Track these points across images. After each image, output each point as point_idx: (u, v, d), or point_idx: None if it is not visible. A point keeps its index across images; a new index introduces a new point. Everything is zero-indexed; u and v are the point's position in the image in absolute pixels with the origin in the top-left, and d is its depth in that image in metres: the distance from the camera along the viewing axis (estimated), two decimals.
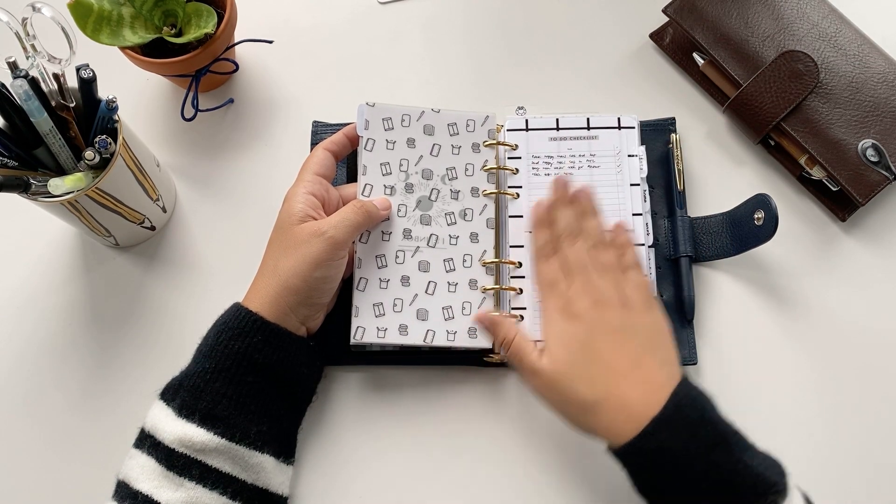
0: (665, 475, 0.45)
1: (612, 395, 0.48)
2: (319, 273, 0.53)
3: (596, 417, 0.48)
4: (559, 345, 0.51)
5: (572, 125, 0.62)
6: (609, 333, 0.50)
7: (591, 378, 0.49)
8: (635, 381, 0.48)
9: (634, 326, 0.51)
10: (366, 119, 0.59)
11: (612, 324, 0.51)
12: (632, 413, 0.47)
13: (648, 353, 0.50)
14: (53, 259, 0.64)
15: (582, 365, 0.49)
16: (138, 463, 0.49)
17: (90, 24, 0.60)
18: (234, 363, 0.50)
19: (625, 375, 0.48)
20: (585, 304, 0.51)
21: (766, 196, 0.57)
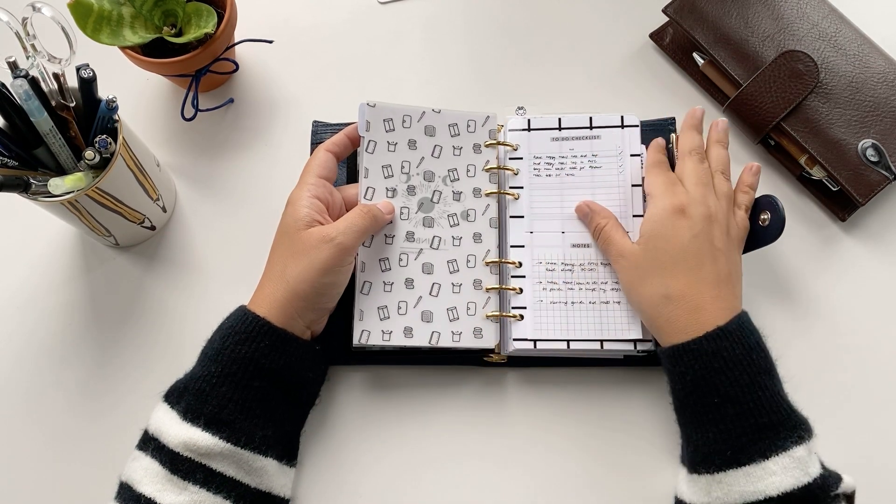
0: (711, 383, 0.48)
1: (690, 295, 0.51)
2: (328, 279, 0.53)
3: (666, 308, 0.51)
4: (659, 234, 0.53)
5: (575, 124, 0.62)
6: (708, 245, 0.52)
7: (677, 273, 0.52)
8: (713, 296, 0.51)
9: (729, 254, 0.53)
10: (367, 120, 0.59)
11: (714, 241, 0.53)
12: (700, 318, 0.50)
13: (729, 283, 0.52)
14: (53, 259, 0.64)
15: (674, 259, 0.52)
16: (142, 465, 0.49)
17: (90, 24, 0.60)
18: (240, 368, 0.50)
19: (708, 286, 0.51)
20: (699, 211, 0.53)
21: (773, 198, 0.56)
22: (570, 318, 0.57)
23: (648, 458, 0.56)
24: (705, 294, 0.51)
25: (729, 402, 0.47)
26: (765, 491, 0.45)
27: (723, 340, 0.48)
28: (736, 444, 0.47)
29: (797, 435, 0.46)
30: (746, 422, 0.47)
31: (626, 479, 0.56)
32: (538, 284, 0.58)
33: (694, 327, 0.50)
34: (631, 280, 0.54)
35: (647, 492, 0.55)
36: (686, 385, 0.49)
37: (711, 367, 0.48)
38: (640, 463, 0.56)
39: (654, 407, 0.58)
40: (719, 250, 0.53)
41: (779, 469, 0.45)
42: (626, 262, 0.54)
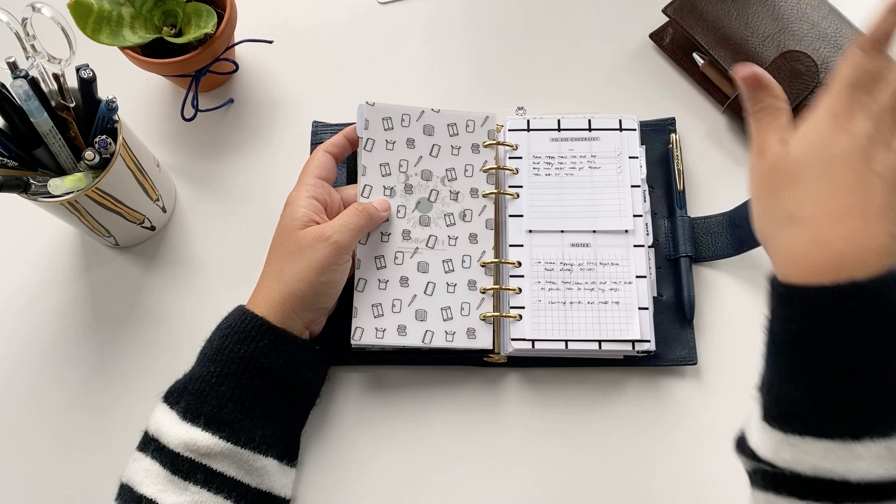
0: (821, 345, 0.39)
1: (823, 223, 0.41)
2: (325, 278, 0.53)
3: (787, 232, 0.42)
4: (808, 143, 0.43)
5: (574, 126, 0.62)
6: (863, 166, 0.41)
7: (817, 192, 0.42)
8: (856, 230, 0.40)
9: (888, 185, 0.41)
10: (365, 119, 0.59)
11: (872, 164, 0.41)
12: (827, 256, 0.40)
13: (884, 218, 0.40)
14: (53, 259, 0.64)
15: (815, 174, 0.42)
16: (142, 466, 0.49)
17: (90, 24, 0.60)
18: (239, 367, 0.50)
19: (852, 216, 0.40)
20: (863, 127, 0.42)
21: None
22: (569, 318, 0.57)
23: (648, 457, 0.56)
24: (843, 228, 0.40)
25: (834, 368, 0.38)
26: (843, 474, 0.37)
27: (852, 299, 0.38)
28: (826, 414, 0.39)
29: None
30: (847, 394, 0.38)
31: (626, 479, 0.56)
32: (537, 284, 0.58)
33: (817, 264, 0.40)
34: (758, 191, 0.45)
35: (646, 491, 0.55)
36: (787, 333, 0.40)
37: (826, 325, 0.39)
38: (640, 462, 0.56)
39: (654, 407, 0.58)
40: (881, 177, 0.41)
41: (869, 455, 0.37)
42: (763, 164, 0.44)
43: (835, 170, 0.42)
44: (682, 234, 0.61)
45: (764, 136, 0.45)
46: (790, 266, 0.41)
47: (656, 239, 0.62)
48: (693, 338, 0.59)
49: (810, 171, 0.42)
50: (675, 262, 0.61)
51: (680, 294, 0.60)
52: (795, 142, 0.44)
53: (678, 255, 0.61)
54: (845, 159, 0.41)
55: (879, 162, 0.41)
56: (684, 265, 0.60)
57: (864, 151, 0.42)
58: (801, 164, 0.43)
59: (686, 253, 0.60)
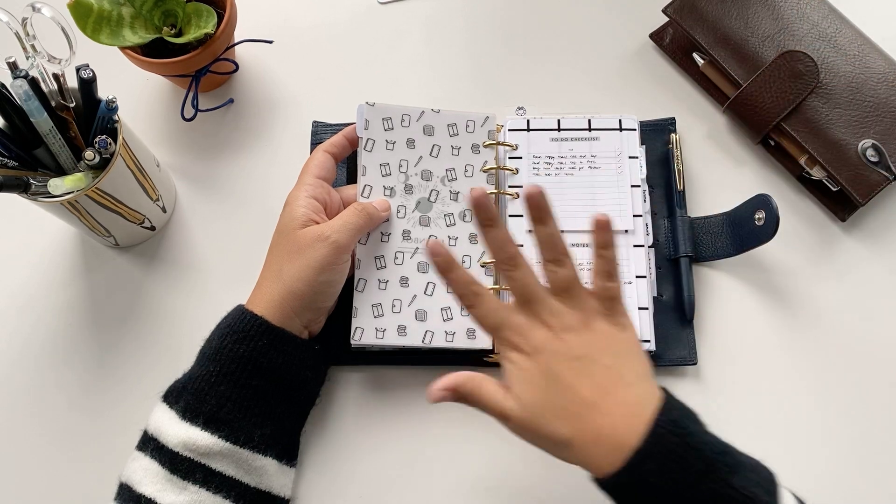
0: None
1: (585, 429, 0.44)
2: (324, 277, 0.53)
3: (572, 452, 0.44)
4: (522, 385, 0.46)
5: (573, 126, 0.62)
6: (571, 361, 0.45)
7: (560, 414, 0.44)
8: (608, 410, 0.44)
9: (599, 347, 0.46)
10: (365, 119, 0.59)
11: (574, 351, 0.46)
12: (610, 443, 0.43)
13: (618, 375, 0.45)
14: (53, 259, 0.64)
15: (549, 402, 0.45)
16: (141, 466, 0.49)
17: (90, 24, 0.60)
18: (238, 366, 0.50)
19: (596, 405, 0.44)
20: (542, 336, 0.46)
21: (767, 196, 0.57)
22: None
23: None
24: (597, 417, 0.44)
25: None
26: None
27: (645, 465, 0.41)
28: None
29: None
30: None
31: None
32: None
33: (612, 457, 0.42)
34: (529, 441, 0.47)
35: None
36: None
37: (647, 495, 0.42)
38: None
39: None
40: (584, 357, 0.45)
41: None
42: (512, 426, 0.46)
43: (558, 384, 0.45)
44: (682, 234, 0.61)
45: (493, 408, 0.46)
46: (596, 469, 0.43)
47: (656, 239, 0.62)
48: (693, 338, 0.59)
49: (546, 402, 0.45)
50: (675, 262, 0.61)
51: (680, 294, 0.60)
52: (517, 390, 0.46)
53: (678, 255, 0.61)
54: (556, 370, 0.45)
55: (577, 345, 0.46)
56: (684, 265, 0.60)
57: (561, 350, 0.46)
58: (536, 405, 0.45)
59: (686, 253, 0.60)
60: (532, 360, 0.46)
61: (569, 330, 0.47)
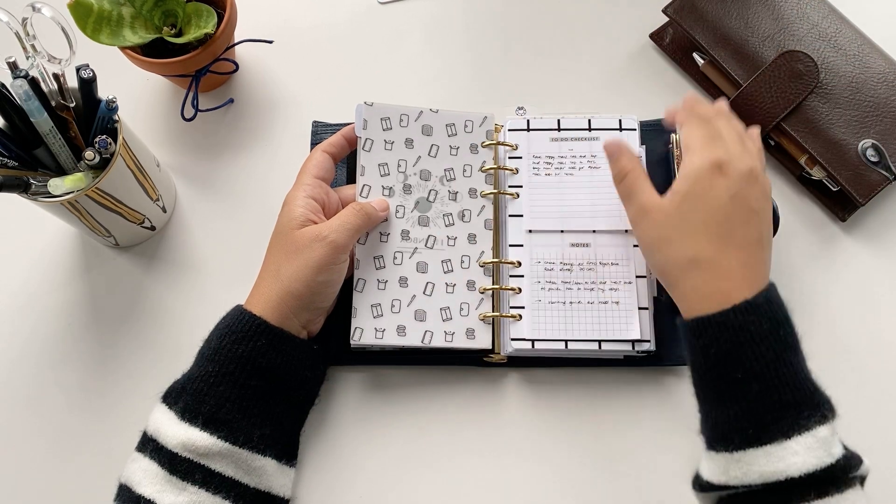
0: (736, 358, 0.45)
1: (720, 261, 0.48)
2: (322, 277, 0.53)
3: (692, 275, 0.48)
4: (694, 191, 0.49)
5: (573, 126, 0.62)
6: (745, 208, 0.49)
7: (709, 236, 0.48)
8: (742, 264, 0.48)
9: (764, 215, 0.50)
10: (364, 119, 0.59)
11: (751, 202, 0.49)
12: (727, 288, 0.47)
13: (761, 246, 0.49)
14: (53, 259, 0.64)
15: (707, 220, 0.49)
16: (141, 467, 0.49)
17: (90, 24, 0.60)
18: (237, 367, 0.50)
19: (739, 252, 0.48)
20: (739, 169, 0.49)
21: None
22: (569, 318, 0.57)
23: (648, 457, 0.56)
24: (734, 261, 0.48)
25: (753, 379, 0.45)
26: (786, 471, 0.43)
27: (750, 314, 0.45)
28: (758, 422, 0.44)
29: (821, 414, 0.44)
30: (770, 399, 0.44)
31: (626, 479, 0.56)
32: (536, 284, 0.58)
33: (719, 297, 0.47)
34: (654, 239, 0.50)
35: (646, 491, 0.55)
36: (709, 359, 0.46)
37: (737, 342, 0.45)
38: (640, 462, 0.56)
39: (654, 407, 0.58)
40: (755, 212, 0.49)
41: (801, 449, 0.43)
42: (652, 220, 0.50)
43: (723, 215, 0.48)
44: None
45: (639, 195, 0.51)
46: (699, 304, 0.47)
47: None
48: None
49: (701, 219, 0.49)
50: None
51: None
52: (681, 193, 0.50)
53: None
54: (729, 204, 0.49)
55: (755, 199, 0.49)
56: None
57: (744, 193, 0.49)
58: (691, 215, 0.49)
59: None
60: (725, 180, 0.49)
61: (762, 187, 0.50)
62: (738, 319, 0.45)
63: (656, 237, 0.50)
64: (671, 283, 0.50)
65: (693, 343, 0.48)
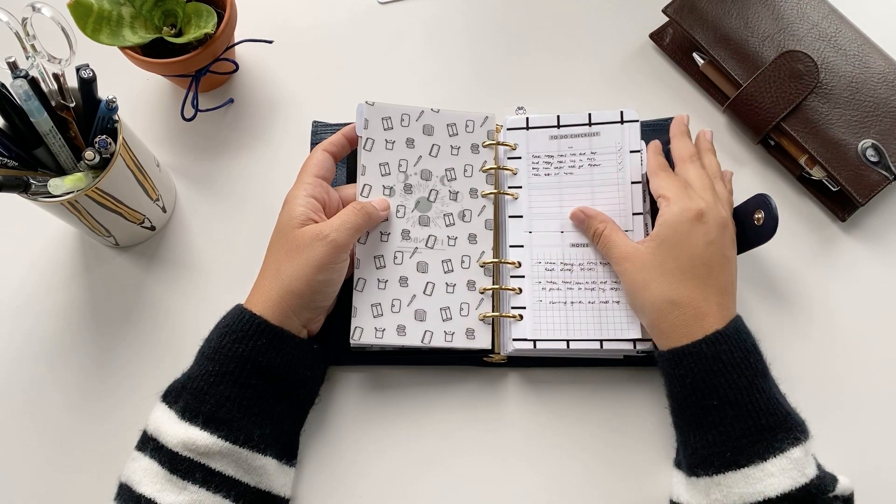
0: (711, 385, 0.48)
1: (697, 302, 0.51)
2: (322, 276, 0.53)
3: (672, 314, 0.51)
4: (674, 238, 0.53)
5: (574, 122, 0.62)
6: (720, 254, 0.52)
7: (687, 279, 0.51)
8: (718, 304, 0.51)
9: (734, 261, 0.54)
10: (365, 118, 0.59)
11: (725, 249, 0.53)
12: (703, 324, 0.50)
13: (732, 289, 0.53)
14: (53, 259, 0.64)
15: (685, 265, 0.52)
16: (141, 466, 0.49)
17: (90, 24, 0.60)
18: (238, 366, 0.50)
19: (715, 294, 0.51)
20: (715, 218, 0.53)
21: (766, 196, 0.56)
22: (570, 317, 0.57)
23: (648, 457, 0.56)
24: (711, 302, 0.51)
25: (728, 405, 0.48)
26: (763, 492, 0.45)
27: (722, 344, 0.49)
28: (735, 446, 0.47)
29: (793, 436, 0.47)
30: (745, 424, 0.47)
31: (626, 479, 0.56)
32: (537, 284, 0.58)
33: (695, 332, 0.50)
34: (636, 282, 0.54)
35: (646, 491, 0.55)
36: (685, 388, 0.50)
37: (711, 371, 0.48)
38: (640, 463, 0.56)
39: (653, 407, 0.58)
40: (728, 259, 0.53)
41: (777, 470, 0.46)
42: (632, 265, 0.54)
43: (700, 260, 0.52)
44: None
45: (618, 247, 0.55)
46: (676, 339, 0.51)
47: None
48: None
49: (679, 264, 0.52)
50: None
51: None
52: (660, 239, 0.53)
53: None
54: (706, 250, 0.52)
55: (728, 246, 0.53)
56: None
57: (719, 240, 0.52)
58: (669, 260, 0.52)
59: None
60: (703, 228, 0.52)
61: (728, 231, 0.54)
62: (710, 349, 0.49)
63: (638, 280, 0.53)
64: (651, 322, 0.53)
65: (670, 373, 0.51)
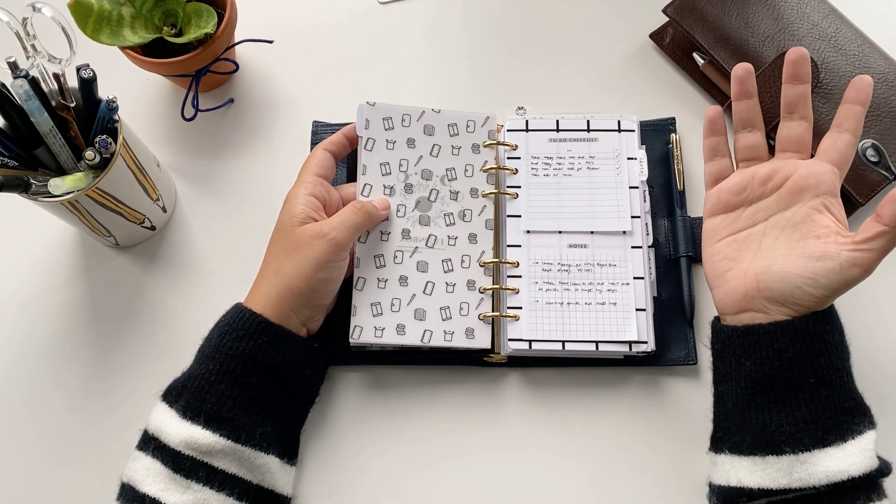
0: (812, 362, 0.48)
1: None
2: (322, 275, 0.53)
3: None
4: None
5: (572, 127, 0.62)
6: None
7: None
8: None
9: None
10: (366, 118, 0.60)
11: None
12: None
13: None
14: (53, 259, 0.64)
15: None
16: (143, 465, 0.49)
17: (90, 24, 0.60)
18: (238, 365, 0.50)
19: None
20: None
21: None
22: (566, 318, 0.57)
23: (648, 457, 0.56)
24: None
25: (823, 384, 0.47)
26: (847, 471, 0.45)
27: (826, 324, 0.48)
28: (826, 425, 0.47)
29: (869, 421, 0.47)
30: (837, 404, 0.47)
31: (626, 479, 0.56)
32: (534, 284, 0.58)
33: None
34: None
35: (646, 491, 0.55)
36: (784, 362, 0.48)
37: (814, 349, 0.48)
38: (640, 463, 0.56)
39: (653, 407, 0.58)
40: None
41: (856, 451, 0.46)
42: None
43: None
44: (682, 234, 0.61)
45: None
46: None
47: (656, 239, 0.62)
48: (693, 338, 0.59)
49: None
50: (675, 262, 0.61)
51: (680, 294, 0.60)
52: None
53: (678, 255, 0.61)
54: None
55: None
56: (684, 265, 0.60)
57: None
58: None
59: (686, 253, 0.60)
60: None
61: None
62: (817, 328, 0.48)
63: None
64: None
65: (768, 346, 0.49)
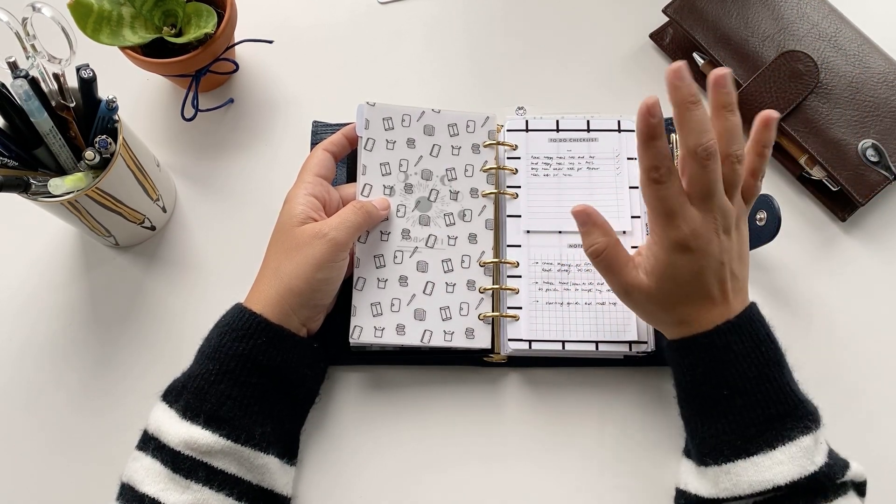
0: (721, 375, 0.48)
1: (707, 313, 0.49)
2: (321, 275, 0.53)
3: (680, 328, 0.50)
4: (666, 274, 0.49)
5: (572, 127, 0.62)
6: (715, 271, 0.49)
7: (692, 302, 0.49)
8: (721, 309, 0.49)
9: (734, 253, 0.50)
10: (366, 118, 0.60)
11: (719, 256, 0.49)
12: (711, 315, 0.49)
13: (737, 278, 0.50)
14: (53, 259, 0.64)
15: (685, 292, 0.49)
16: (143, 465, 0.49)
17: (90, 24, 0.60)
18: (238, 365, 0.50)
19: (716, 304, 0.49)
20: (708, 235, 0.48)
21: (769, 197, 0.56)
22: (566, 318, 0.57)
23: (648, 457, 0.56)
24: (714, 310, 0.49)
25: (738, 394, 0.47)
26: (772, 480, 0.45)
27: (733, 335, 0.48)
28: (745, 435, 0.47)
29: (803, 425, 0.47)
30: (755, 413, 0.47)
31: (626, 479, 0.56)
32: (534, 284, 0.58)
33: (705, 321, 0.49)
34: (640, 313, 0.53)
35: (646, 491, 0.55)
36: (695, 378, 0.49)
37: (721, 361, 0.48)
38: (640, 463, 0.56)
39: (653, 407, 0.58)
40: (724, 264, 0.49)
41: (785, 458, 0.46)
42: (634, 299, 0.51)
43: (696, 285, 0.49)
44: None
45: (618, 275, 0.51)
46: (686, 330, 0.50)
47: None
48: None
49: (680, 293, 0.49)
50: None
51: None
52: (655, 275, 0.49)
53: None
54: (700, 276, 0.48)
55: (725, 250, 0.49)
56: None
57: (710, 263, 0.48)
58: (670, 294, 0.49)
59: None
60: (689, 256, 0.48)
61: (726, 231, 0.49)
62: (721, 340, 0.48)
63: (641, 312, 0.53)
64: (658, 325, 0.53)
65: (679, 362, 0.50)
